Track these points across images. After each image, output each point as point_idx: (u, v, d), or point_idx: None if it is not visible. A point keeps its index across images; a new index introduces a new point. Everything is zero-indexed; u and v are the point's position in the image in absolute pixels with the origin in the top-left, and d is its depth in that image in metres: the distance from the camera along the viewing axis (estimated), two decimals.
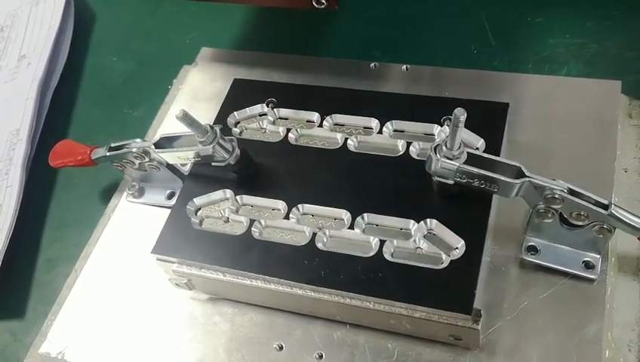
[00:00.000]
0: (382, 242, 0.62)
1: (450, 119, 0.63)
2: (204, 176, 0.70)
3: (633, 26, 0.83)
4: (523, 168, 0.59)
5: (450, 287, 0.58)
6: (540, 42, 0.84)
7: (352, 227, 0.64)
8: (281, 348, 0.64)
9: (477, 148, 0.66)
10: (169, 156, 0.70)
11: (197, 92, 0.86)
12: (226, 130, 0.73)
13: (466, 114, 0.57)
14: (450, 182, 0.61)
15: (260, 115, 0.75)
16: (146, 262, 0.68)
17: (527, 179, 0.59)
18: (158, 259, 0.66)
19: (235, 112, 0.75)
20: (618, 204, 0.64)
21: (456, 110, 0.57)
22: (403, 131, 0.70)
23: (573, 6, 0.86)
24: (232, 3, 0.72)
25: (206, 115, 0.76)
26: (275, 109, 0.74)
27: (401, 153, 0.68)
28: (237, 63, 0.88)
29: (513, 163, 0.60)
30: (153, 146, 0.70)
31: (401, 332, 0.62)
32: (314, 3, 0.70)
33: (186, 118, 0.63)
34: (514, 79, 0.78)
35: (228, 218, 0.68)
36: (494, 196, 0.63)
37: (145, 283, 0.71)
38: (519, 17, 0.87)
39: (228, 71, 0.87)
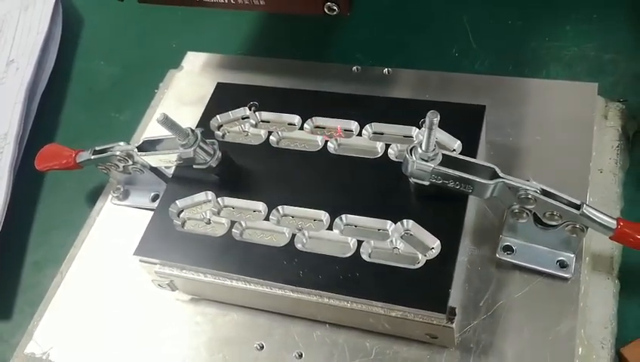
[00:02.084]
0: (359, 242, 0.63)
1: None
2: (186, 179, 0.71)
3: (610, 29, 0.84)
4: (497, 169, 0.60)
5: (426, 286, 0.59)
6: (519, 45, 0.85)
7: (330, 228, 0.65)
8: (261, 347, 0.65)
9: (454, 150, 0.66)
10: (152, 159, 0.71)
11: (182, 96, 0.87)
12: (209, 134, 0.74)
13: (439, 116, 0.58)
14: (427, 183, 0.62)
15: (243, 118, 0.75)
16: (130, 264, 0.68)
17: (501, 180, 0.60)
18: (140, 261, 0.67)
19: (217, 116, 0.75)
20: (593, 204, 0.65)
21: (429, 112, 0.58)
22: (382, 133, 0.71)
23: (552, 10, 0.87)
24: (243, 10, 0.73)
25: (191, 118, 0.77)
26: (257, 112, 0.75)
27: (379, 155, 0.69)
28: (222, 67, 0.89)
29: (487, 164, 0.61)
30: (136, 149, 0.71)
31: (379, 332, 0.63)
32: (326, 10, 0.70)
33: (167, 122, 0.64)
34: (494, 81, 0.79)
35: (209, 219, 0.68)
36: (472, 197, 0.64)
37: (129, 284, 0.72)
38: (500, 21, 0.88)
39: (213, 75, 0.88)
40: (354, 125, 0.72)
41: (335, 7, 0.70)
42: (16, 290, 0.79)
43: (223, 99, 0.77)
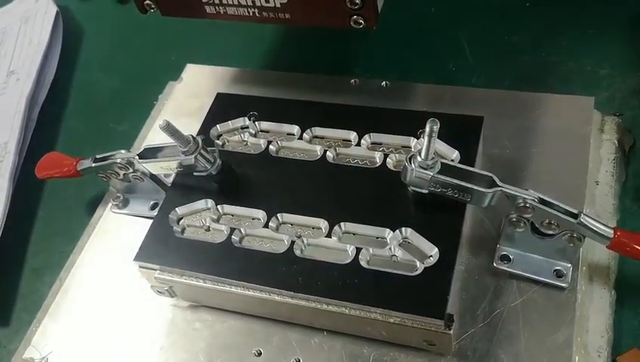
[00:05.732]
0: (358, 250, 0.63)
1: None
2: (186, 186, 0.71)
3: (606, 44, 0.85)
4: (495, 178, 0.61)
5: (424, 293, 0.59)
6: (516, 60, 0.86)
7: (329, 235, 0.65)
8: (259, 353, 0.66)
9: (452, 160, 0.67)
10: (152, 166, 0.71)
11: (181, 107, 0.88)
12: (209, 143, 0.74)
13: (439, 124, 0.58)
14: (425, 191, 0.63)
15: (242, 128, 0.76)
16: (129, 271, 0.69)
17: (500, 188, 0.60)
18: (140, 267, 0.67)
19: (217, 125, 0.76)
20: (589, 214, 0.65)
21: (429, 120, 0.58)
22: (380, 144, 0.72)
23: (548, 25, 0.88)
24: (268, 23, 0.73)
25: (190, 129, 0.76)
26: (256, 122, 0.76)
27: (378, 164, 0.70)
28: (222, 80, 0.90)
29: (486, 173, 0.61)
30: (137, 157, 0.71)
31: (377, 339, 0.64)
32: (352, 23, 0.70)
33: (169, 128, 0.64)
34: (490, 95, 0.80)
35: (209, 226, 0.69)
36: (469, 207, 0.65)
37: (127, 290, 0.73)
38: (496, 36, 0.89)
39: (212, 87, 0.88)
40: (352, 135, 0.72)
41: (361, 21, 0.69)
42: (15, 297, 0.79)
43: (223, 108, 0.78)
